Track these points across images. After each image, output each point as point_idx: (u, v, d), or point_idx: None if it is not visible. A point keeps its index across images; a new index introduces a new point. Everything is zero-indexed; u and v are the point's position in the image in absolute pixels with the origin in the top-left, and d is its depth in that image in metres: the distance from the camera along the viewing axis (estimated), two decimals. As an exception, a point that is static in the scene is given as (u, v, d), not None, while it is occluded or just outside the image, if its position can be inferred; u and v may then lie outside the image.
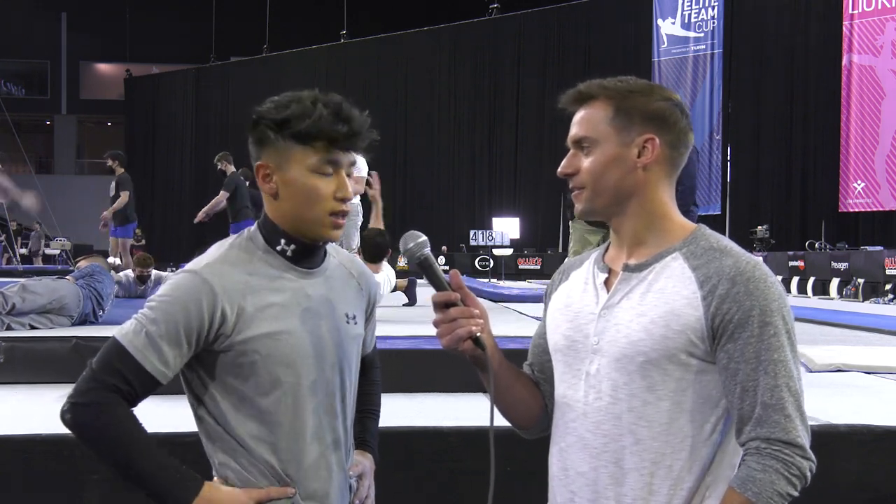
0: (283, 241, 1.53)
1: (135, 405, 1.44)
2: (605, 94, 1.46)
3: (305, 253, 1.55)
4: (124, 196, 10.45)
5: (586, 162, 1.46)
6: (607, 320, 1.44)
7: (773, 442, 1.31)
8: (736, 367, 1.34)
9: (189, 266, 1.49)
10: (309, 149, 1.48)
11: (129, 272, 8.45)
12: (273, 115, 1.49)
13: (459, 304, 1.44)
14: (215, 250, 1.53)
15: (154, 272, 8.52)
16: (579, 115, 1.48)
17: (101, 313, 5.30)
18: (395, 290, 7.44)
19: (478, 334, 1.43)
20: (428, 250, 1.48)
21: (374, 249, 5.98)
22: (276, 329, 1.48)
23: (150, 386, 1.44)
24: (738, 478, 1.33)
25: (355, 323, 1.62)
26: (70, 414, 1.40)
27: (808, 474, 1.32)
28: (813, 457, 1.33)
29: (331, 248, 1.63)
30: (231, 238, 1.57)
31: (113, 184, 10.59)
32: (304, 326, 1.51)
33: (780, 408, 1.32)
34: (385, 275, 5.97)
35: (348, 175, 1.54)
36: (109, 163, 10.63)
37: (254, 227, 1.57)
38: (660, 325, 1.38)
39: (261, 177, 1.52)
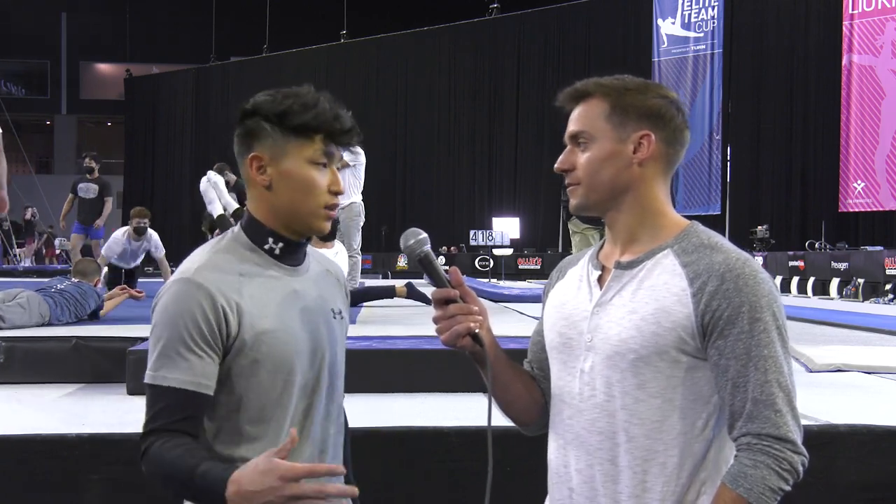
0: (270, 239, 1.53)
1: (197, 431, 1.43)
2: (601, 91, 1.47)
3: (291, 251, 1.55)
4: (110, 202, 10.49)
5: (582, 158, 1.47)
6: (600, 317, 1.45)
7: (764, 437, 1.32)
8: (726, 363, 1.35)
9: (179, 274, 1.48)
10: (307, 141, 1.49)
11: (121, 230, 8.56)
12: (272, 107, 1.49)
13: (459, 301, 1.45)
14: (201, 254, 1.51)
15: (151, 232, 8.67)
16: (576, 112, 1.50)
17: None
18: (395, 296, 7.47)
19: (476, 331, 1.44)
20: (428, 247, 1.49)
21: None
22: (274, 327, 1.47)
23: (195, 401, 1.42)
24: (729, 474, 1.34)
25: (342, 318, 1.62)
26: (144, 468, 1.43)
27: (801, 469, 1.33)
28: (805, 451, 1.34)
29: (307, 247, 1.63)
30: (213, 241, 1.56)
31: (96, 186, 10.44)
32: (298, 324, 1.51)
33: (771, 403, 1.33)
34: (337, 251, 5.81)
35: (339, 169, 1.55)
36: (91, 163, 10.43)
37: (237, 228, 1.56)
38: (650, 322, 1.39)
39: (254, 168, 1.51)
